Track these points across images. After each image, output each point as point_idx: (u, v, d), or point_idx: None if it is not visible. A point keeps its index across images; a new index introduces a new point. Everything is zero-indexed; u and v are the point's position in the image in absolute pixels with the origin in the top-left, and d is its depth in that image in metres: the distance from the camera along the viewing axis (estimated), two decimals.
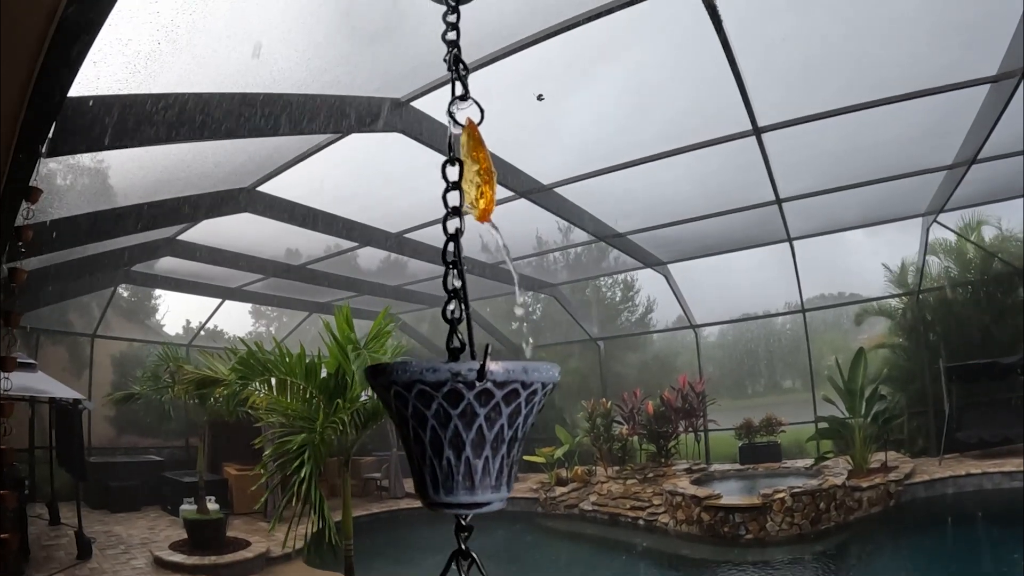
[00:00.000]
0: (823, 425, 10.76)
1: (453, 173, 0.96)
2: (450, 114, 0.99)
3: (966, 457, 10.06)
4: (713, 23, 4.87)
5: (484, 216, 0.96)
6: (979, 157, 7.14)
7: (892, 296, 12.56)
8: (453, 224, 0.94)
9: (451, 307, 0.93)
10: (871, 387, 10.16)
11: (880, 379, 10.79)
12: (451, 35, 1.04)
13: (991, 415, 10.30)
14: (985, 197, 10.10)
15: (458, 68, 1.02)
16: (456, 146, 0.97)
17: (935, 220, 10.46)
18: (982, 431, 10.12)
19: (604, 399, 12.28)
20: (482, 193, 0.95)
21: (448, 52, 1.03)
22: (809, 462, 10.57)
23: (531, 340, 14.93)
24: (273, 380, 5.46)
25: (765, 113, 6.19)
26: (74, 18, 3.17)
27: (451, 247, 0.93)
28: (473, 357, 0.83)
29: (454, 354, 0.90)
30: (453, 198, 0.95)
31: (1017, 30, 5.10)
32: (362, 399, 5.39)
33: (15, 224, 5.62)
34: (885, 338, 12.76)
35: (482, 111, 0.99)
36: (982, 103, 6.33)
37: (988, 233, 11.79)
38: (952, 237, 11.77)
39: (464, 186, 0.95)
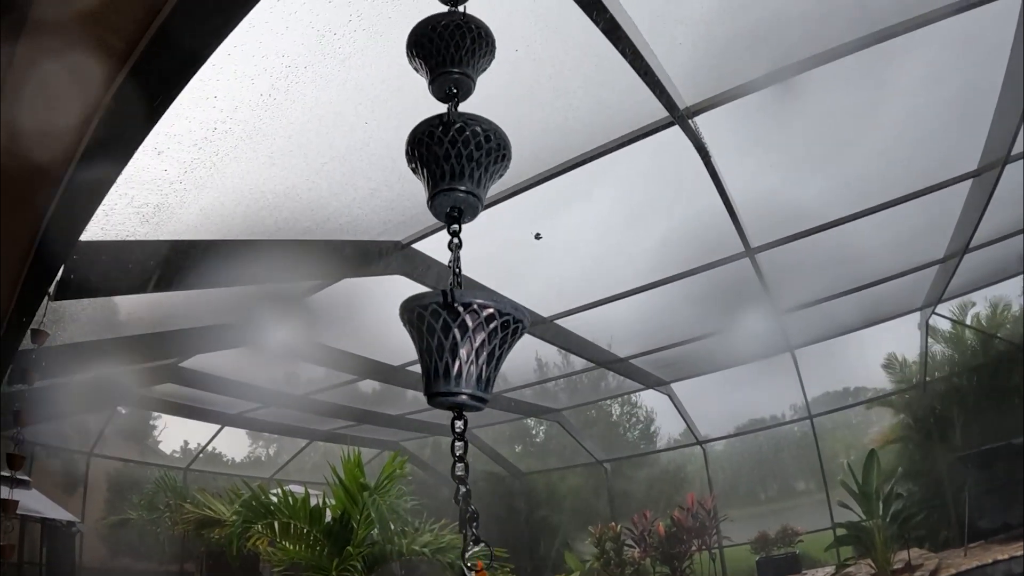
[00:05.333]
0: (841, 531, 10.38)
1: None
2: (463, 565, 1.11)
3: (992, 543, 9.57)
4: (702, 158, 5.09)
5: None
6: (970, 247, 7.28)
7: (898, 392, 12.41)
8: None
9: None
10: (887, 486, 9.91)
11: (895, 477, 10.51)
12: (459, 470, 1.19)
13: (1012, 497, 9.95)
14: (980, 282, 10.24)
15: (470, 526, 1.13)
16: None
17: (933, 312, 10.53)
18: (1005, 515, 9.73)
19: (613, 523, 11.96)
20: None
21: (457, 494, 1.17)
22: (830, 570, 10.20)
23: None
24: (276, 523, 5.39)
25: (756, 233, 6.35)
26: (86, 175, 3.31)
27: None
28: None
29: None
30: None
31: (993, 122, 5.34)
32: (369, 542, 5.29)
33: (22, 367, 5.64)
34: (895, 433, 12.52)
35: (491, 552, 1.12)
36: (967, 196, 6.51)
37: (985, 315, 11.77)
38: (951, 325, 11.75)
39: None
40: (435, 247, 5.38)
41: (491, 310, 1.17)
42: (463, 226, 1.41)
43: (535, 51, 3.52)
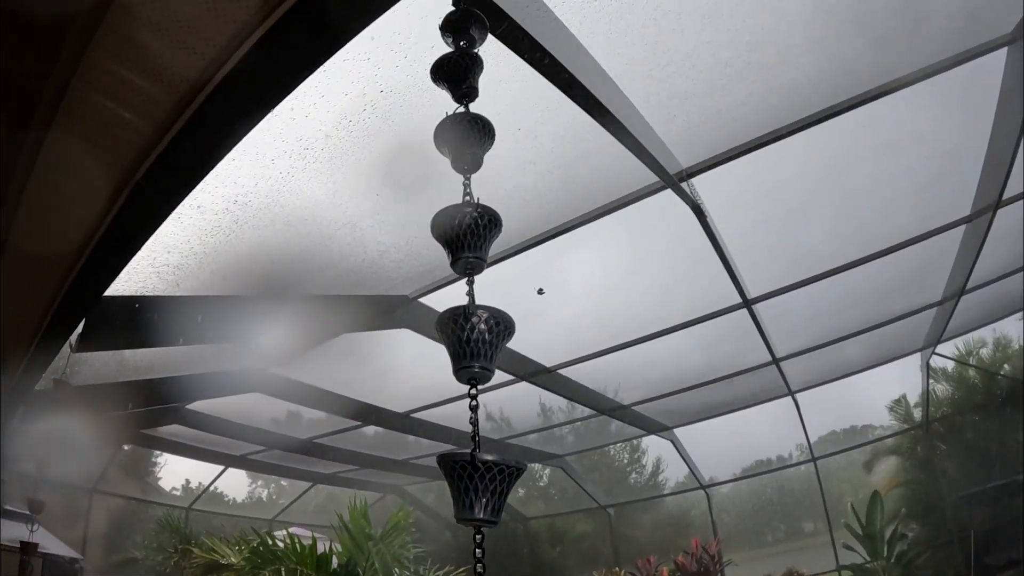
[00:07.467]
0: (847, 573, 10.36)
1: None
2: None
3: None
4: (698, 218, 5.29)
5: None
6: (967, 288, 7.43)
7: (901, 433, 12.41)
8: None
9: None
10: (891, 527, 9.91)
11: (899, 518, 10.50)
12: (479, 568, 1.61)
13: (1017, 534, 9.92)
14: (979, 321, 10.35)
15: None
16: None
17: (933, 352, 10.61)
18: (1010, 551, 9.66)
19: (617, 568, 11.85)
20: None
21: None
22: None
23: None
24: (283, 569, 5.50)
25: (753, 285, 6.52)
26: (110, 245, 3.52)
27: None
28: None
29: None
30: None
31: (983, 169, 5.52)
32: None
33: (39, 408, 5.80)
34: (899, 474, 12.47)
35: None
36: (961, 241, 6.67)
37: (987, 353, 11.80)
38: (952, 364, 11.78)
39: None
40: (441, 301, 5.55)
41: (501, 465, 1.59)
42: (475, 279, 1.92)
43: (535, 129, 3.75)
